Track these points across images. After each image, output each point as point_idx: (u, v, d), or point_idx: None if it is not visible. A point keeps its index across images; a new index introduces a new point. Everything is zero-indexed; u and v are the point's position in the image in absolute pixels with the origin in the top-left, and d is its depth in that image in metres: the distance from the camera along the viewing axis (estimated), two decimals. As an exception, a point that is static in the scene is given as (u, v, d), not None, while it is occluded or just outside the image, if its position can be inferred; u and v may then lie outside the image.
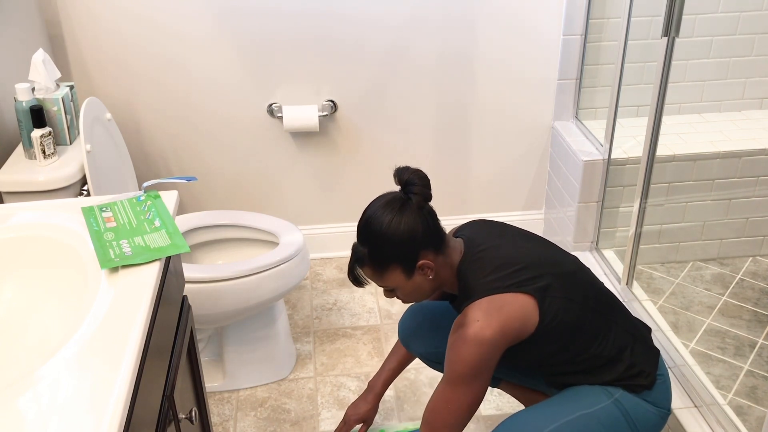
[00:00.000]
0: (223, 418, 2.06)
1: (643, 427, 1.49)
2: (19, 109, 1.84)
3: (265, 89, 2.46)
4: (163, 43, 2.35)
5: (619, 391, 1.48)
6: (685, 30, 2.47)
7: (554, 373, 1.55)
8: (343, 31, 2.39)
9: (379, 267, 1.46)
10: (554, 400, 1.52)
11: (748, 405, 2.00)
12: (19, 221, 1.27)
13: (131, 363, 0.95)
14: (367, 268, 1.48)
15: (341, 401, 2.10)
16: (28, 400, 0.89)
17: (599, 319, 1.48)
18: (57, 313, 1.16)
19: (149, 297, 1.08)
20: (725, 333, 2.28)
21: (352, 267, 1.50)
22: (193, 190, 2.61)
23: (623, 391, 1.48)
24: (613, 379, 1.48)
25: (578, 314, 1.44)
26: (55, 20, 2.28)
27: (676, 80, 2.57)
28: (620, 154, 2.37)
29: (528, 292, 1.40)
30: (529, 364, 1.55)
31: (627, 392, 1.48)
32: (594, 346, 1.46)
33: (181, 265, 1.42)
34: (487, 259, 1.46)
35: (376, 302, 2.51)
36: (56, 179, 1.84)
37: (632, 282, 2.22)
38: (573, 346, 1.46)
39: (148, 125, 2.48)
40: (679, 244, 2.58)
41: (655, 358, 1.52)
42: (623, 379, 1.48)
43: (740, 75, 2.60)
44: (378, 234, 1.42)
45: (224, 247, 2.23)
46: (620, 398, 1.47)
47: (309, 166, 2.60)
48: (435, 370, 1.80)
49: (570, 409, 1.47)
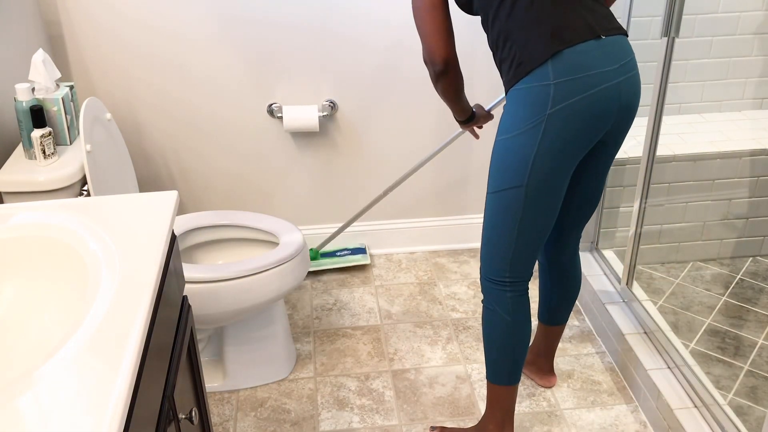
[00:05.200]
0: (223, 418, 2.06)
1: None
2: (19, 109, 1.84)
3: (265, 89, 2.46)
4: (163, 43, 2.35)
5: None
6: (685, 30, 2.47)
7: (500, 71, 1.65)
8: (344, 31, 2.39)
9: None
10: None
11: (748, 405, 2.00)
12: (19, 221, 1.27)
13: (131, 363, 0.95)
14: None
15: (341, 401, 2.10)
16: (28, 400, 0.89)
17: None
18: (57, 313, 1.16)
19: (149, 297, 1.08)
20: (725, 333, 2.28)
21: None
22: (193, 190, 2.61)
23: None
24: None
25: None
26: (55, 20, 2.28)
27: (676, 80, 2.57)
28: (620, 154, 2.37)
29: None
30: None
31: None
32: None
33: (181, 265, 1.42)
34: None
35: (376, 302, 2.52)
36: (56, 179, 1.84)
37: (632, 282, 2.22)
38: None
39: (148, 125, 2.48)
40: (679, 244, 2.58)
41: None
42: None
43: (740, 75, 2.60)
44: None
45: (224, 247, 2.23)
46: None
47: (309, 166, 2.60)
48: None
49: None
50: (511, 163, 1.59)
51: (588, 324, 2.38)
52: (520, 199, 1.60)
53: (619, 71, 1.57)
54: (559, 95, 1.52)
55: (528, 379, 2.15)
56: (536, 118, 1.54)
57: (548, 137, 1.54)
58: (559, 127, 1.54)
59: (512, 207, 1.61)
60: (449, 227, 2.77)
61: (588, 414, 2.03)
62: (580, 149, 1.60)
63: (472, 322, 2.40)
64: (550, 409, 2.05)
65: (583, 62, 1.53)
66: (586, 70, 1.53)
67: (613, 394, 2.10)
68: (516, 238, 1.64)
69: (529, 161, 1.56)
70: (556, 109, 1.52)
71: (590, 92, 1.53)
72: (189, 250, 2.19)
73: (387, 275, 2.66)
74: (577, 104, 1.53)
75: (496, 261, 1.68)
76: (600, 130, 1.60)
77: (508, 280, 1.70)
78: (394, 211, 2.73)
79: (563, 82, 1.52)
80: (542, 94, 1.53)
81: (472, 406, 2.06)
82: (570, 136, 1.56)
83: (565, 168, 1.60)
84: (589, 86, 1.53)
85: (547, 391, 2.11)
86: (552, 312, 2.02)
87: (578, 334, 2.34)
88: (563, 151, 1.57)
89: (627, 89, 1.59)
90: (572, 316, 2.42)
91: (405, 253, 2.78)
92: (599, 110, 1.56)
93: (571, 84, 1.52)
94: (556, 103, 1.52)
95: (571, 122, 1.54)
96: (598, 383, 2.14)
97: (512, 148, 1.58)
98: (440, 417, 2.03)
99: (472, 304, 2.49)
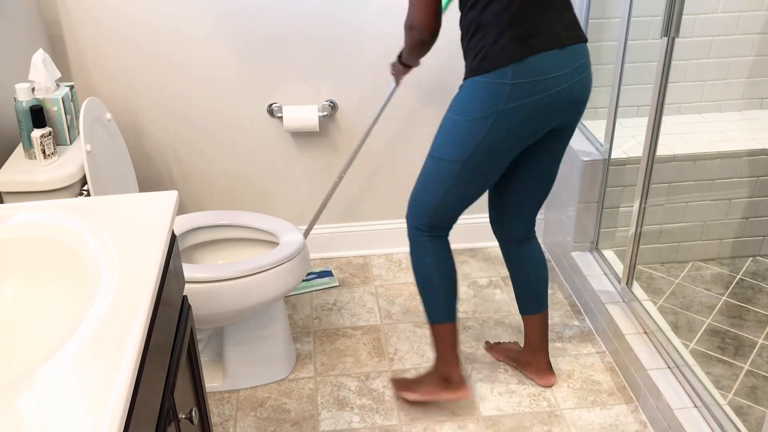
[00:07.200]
0: (223, 418, 2.06)
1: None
2: (19, 109, 1.84)
3: (265, 89, 2.46)
4: (163, 43, 2.35)
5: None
6: (685, 30, 2.47)
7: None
8: (344, 31, 2.39)
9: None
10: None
11: (748, 405, 2.00)
12: (19, 221, 1.27)
13: (131, 363, 0.95)
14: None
15: (341, 401, 2.10)
16: (28, 400, 0.89)
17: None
18: (57, 313, 1.16)
19: (149, 297, 1.08)
20: (725, 333, 2.28)
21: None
22: (193, 190, 2.61)
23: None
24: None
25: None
26: (55, 20, 2.28)
27: (676, 80, 2.57)
28: (620, 154, 2.37)
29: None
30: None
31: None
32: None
33: (181, 265, 1.42)
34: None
35: (376, 302, 2.52)
36: (56, 179, 1.84)
37: (632, 282, 2.22)
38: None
39: (148, 125, 2.48)
40: (679, 244, 2.58)
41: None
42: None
43: (740, 75, 2.60)
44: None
45: (224, 247, 2.23)
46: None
47: (309, 166, 2.60)
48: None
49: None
50: (455, 141, 1.73)
51: (588, 324, 2.38)
52: (454, 172, 1.77)
53: (572, 74, 1.71)
54: (514, 95, 1.65)
55: (528, 379, 2.15)
56: (488, 111, 1.67)
57: (495, 131, 1.69)
58: (507, 124, 1.68)
59: (445, 176, 1.78)
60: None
61: (588, 414, 2.03)
62: (523, 142, 1.76)
63: (472, 322, 2.40)
64: (550, 409, 2.05)
65: (542, 68, 1.66)
66: (543, 75, 1.66)
67: (613, 394, 2.10)
68: (441, 200, 1.82)
69: (471, 146, 1.72)
70: (508, 108, 1.66)
71: (543, 95, 1.67)
72: (189, 250, 2.19)
73: (387, 275, 2.66)
74: (529, 105, 1.67)
75: (420, 212, 1.87)
76: (546, 126, 1.75)
77: (428, 228, 1.89)
78: (394, 211, 2.73)
79: (520, 84, 1.65)
80: (498, 91, 1.65)
81: (472, 406, 2.07)
82: (516, 132, 1.71)
83: (505, 157, 1.77)
84: (544, 89, 1.67)
85: (547, 391, 2.11)
86: (525, 300, 2.08)
87: (578, 334, 2.34)
88: (506, 144, 1.73)
89: (578, 89, 1.74)
90: (572, 315, 2.42)
91: (405, 253, 2.78)
92: (549, 110, 1.70)
93: (527, 86, 1.65)
94: (509, 102, 1.66)
95: (519, 120, 1.69)
96: (598, 383, 2.14)
97: (459, 130, 1.72)
98: (440, 417, 2.03)
99: (472, 304, 2.49)
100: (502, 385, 2.14)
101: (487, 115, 1.67)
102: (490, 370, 2.20)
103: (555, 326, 2.38)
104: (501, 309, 2.46)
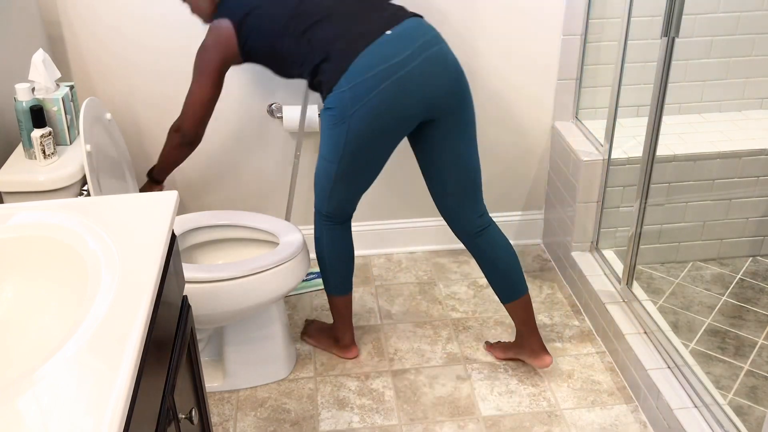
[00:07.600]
0: (223, 418, 2.06)
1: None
2: (19, 109, 1.84)
3: (265, 89, 2.46)
4: (163, 43, 2.35)
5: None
6: (685, 30, 2.47)
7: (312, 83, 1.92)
8: (343, 31, 2.39)
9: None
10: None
11: (748, 405, 2.00)
12: (19, 221, 1.27)
13: (131, 363, 0.95)
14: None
15: (341, 401, 2.10)
16: (28, 400, 0.89)
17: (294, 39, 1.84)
18: (57, 313, 1.16)
19: (149, 297, 1.08)
20: (725, 333, 2.28)
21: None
22: (193, 190, 2.61)
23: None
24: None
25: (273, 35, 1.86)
26: (55, 20, 2.28)
27: (676, 80, 2.57)
28: (620, 154, 2.37)
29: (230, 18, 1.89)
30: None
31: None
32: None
33: (181, 265, 1.42)
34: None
35: (376, 302, 2.52)
36: (56, 179, 1.84)
37: (632, 282, 2.22)
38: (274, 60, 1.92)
39: (148, 125, 2.48)
40: (679, 244, 2.58)
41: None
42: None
43: (740, 75, 2.60)
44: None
45: (224, 247, 2.23)
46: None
47: (309, 166, 2.60)
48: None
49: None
50: (328, 144, 1.89)
51: (588, 324, 2.38)
52: (333, 171, 1.92)
53: (417, 53, 1.78)
54: (357, 96, 1.77)
55: (528, 379, 2.15)
56: (341, 117, 1.81)
57: (353, 132, 1.82)
58: (363, 122, 1.80)
59: (329, 173, 1.94)
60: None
61: (588, 414, 2.03)
62: (393, 134, 1.86)
63: (472, 322, 2.40)
64: (550, 409, 2.05)
65: (371, 61, 1.76)
66: (376, 66, 1.76)
67: (613, 394, 2.10)
68: (330, 194, 1.98)
69: (340, 148, 1.86)
70: (356, 109, 1.78)
71: (385, 84, 1.76)
72: (189, 250, 2.19)
73: (387, 275, 2.66)
74: (375, 99, 1.77)
75: (320, 200, 2.02)
76: (414, 110, 1.82)
77: (326, 214, 2.04)
78: (394, 211, 2.73)
79: (357, 85, 1.76)
80: (343, 100, 1.79)
81: (472, 406, 2.07)
82: (376, 127, 1.81)
83: (379, 151, 1.89)
84: (383, 79, 1.76)
85: (547, 391, 2.11)
86: (502, 289, 2.09)
87: (578, 334, 2.34)
88: (372, 139, 1.84)
89: (431, 65, 1.79)
90: (572, 315, 2.42)
91: (405, 253, 2.78)
92: (404, 94, 1.78)
93: (367, 82, 1.76)
94: (354, 104, 1.78)
95: (374, 115, 1.79)
96: (598, 383, 2.14)
97: (330, 134, 1.86)
98: (440, 417, 2.03)
99: (472, 304, 2.49)
100: (502, 385, 2.14)
101: (342, 120, 1.82)
102: (490, 370, 2.20)
103: (555, 326, 2.38)
104: (501, 309, 2.46)
